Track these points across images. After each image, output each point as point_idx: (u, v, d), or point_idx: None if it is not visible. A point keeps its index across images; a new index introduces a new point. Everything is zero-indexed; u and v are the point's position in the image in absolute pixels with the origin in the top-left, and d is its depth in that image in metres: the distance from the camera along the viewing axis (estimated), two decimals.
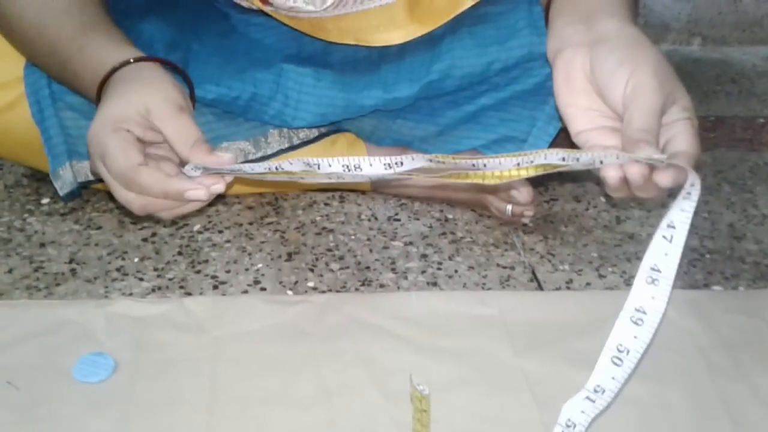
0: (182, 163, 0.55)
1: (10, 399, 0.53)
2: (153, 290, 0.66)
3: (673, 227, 0.46)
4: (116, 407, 0.52)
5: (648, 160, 0.46)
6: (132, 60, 0.57)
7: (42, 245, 0.72)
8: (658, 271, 0.46)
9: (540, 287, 0.69)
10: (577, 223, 0.79)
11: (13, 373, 0.55)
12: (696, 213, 0.82)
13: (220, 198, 0.80)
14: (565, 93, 0.53)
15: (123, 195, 0.53)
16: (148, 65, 0.58)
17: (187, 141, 0.53)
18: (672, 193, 0.48)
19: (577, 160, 0.47)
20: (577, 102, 0.52)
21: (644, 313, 0.46)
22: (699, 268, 0.72)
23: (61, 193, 0.74)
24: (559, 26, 0.55)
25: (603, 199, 0.84)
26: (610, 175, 0.47)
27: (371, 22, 0.71)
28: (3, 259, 0.70)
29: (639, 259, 0.72)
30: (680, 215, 0.46)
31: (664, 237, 0.46)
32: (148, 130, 0.54)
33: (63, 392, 0.53)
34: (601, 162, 0.47)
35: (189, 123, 0.54)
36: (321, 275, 0.69)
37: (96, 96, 0.58)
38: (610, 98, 0.50)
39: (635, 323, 0.46)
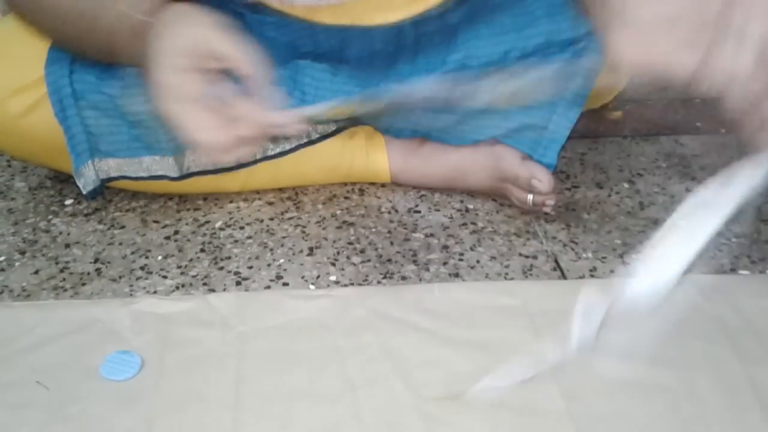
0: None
1: (40, 398, 0.53)
2: (177, 287, 0.67)
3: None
4: (144, 404, 0.53)
5: None
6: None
7: (67, 246, 0.73)
8: None
9: (563, 276, 0.68)
10: (599, 210, 0.78)
11: (42, 373, 0.55)
12: None
13: (239, 194, 0.81)
14: None
15: (199, 132, 0.51)
16: (185, 6, 0.54)
17: (251, 58, 0.52)
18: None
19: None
20: None
21: None
22: (725, 252, 0.71)
23: (85, 191, 0.75)
24: None
25: (626, 185, 0.83)
26: None
27: (369, 6, 0.70)
28: (29, 260, 0.71)
29: None
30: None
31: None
32: (210, 60, 0.52)
33: (91, 390, 0.54)
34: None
35: (247, 44, 0.52)
36: (343, 269, 0.69)
37: (139, 48, 0.55)
38: None
39: None
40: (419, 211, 0.78)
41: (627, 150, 0.91)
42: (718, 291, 0.63)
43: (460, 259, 0.70)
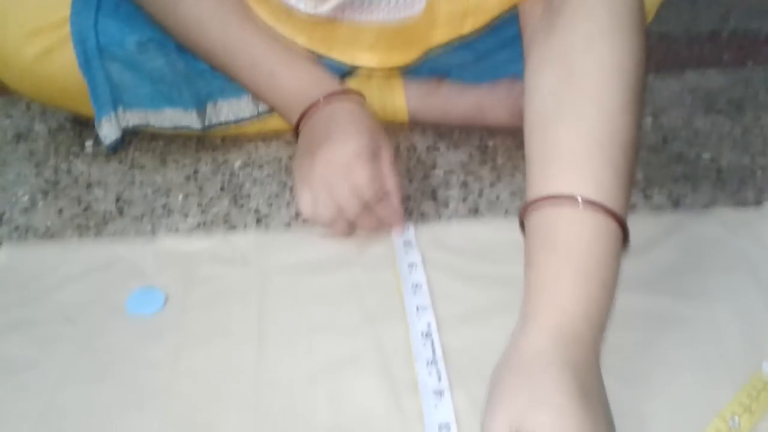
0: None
1: (68, 333, 0.55)
2: (198, 226, 0.67)
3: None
4: (169, 337, 0.54)
5: None
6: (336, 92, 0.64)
7: (89, 186, 0.74)
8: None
9: None
10: None
11: (70, 309, 0.57)
12: (747, 129, 0.80)
13: (258, 135, 0.80)
14: None
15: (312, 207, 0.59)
16: (352, 100, 0.64)
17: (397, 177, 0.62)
18: None
19: None
20: None
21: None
22: (750, 185, 0.70)
23: (106, 141, 0.75)
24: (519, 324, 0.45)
25: (650, 120, 0.81)
26: None
27: (365, 39, 0.68)
28: (52, 200, 0.71)
29: (687, 179, 0.71)
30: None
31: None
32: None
33: (117, 325, 0.55)
34: None
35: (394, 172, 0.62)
36: None
37: (298, 113, 0.65)
38: None
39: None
40: (438, 149, 0.78)
41: (651, 85, 0.89)
42: (742, 224, 0.62)
43: (480, 196, 0.70)
